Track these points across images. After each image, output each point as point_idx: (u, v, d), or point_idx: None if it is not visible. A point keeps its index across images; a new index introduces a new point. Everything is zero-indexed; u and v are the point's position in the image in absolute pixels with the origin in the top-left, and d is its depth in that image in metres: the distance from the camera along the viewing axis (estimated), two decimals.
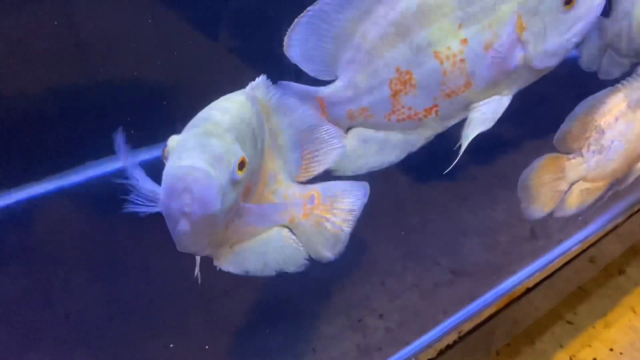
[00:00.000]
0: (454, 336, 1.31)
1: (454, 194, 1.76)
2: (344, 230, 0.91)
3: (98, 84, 1.39)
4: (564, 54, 0.88)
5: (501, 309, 1.41)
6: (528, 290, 1.49)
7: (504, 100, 0.88)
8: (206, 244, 0.79)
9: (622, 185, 1.23)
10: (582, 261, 1.66)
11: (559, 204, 1.20)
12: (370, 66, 0.87)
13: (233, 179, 0.72)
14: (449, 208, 1.74)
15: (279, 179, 0.89)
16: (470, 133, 0.87)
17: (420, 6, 0.82)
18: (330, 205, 0.90)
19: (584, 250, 1.62)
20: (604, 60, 1.30)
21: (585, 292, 1.84)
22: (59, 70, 1.34)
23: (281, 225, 0.89)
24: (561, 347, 1.71)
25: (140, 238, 1.29)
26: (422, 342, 1.28)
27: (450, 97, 0.87)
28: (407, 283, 1.48)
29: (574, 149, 1.16)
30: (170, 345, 1.18)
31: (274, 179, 0.88)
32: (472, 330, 1.35)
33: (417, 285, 1.49)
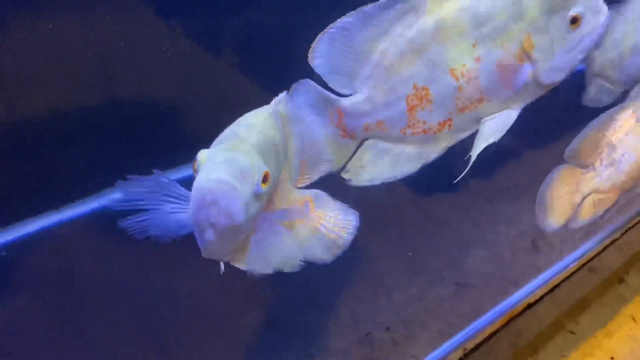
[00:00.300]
0: (459, 353, 1.34)
1: (456, 208, 1.78)
2: (342, 236, 0.94)
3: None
4: (570, 69, 0.92)
5: (505, 323, 1.44)
6: (530, 304, 1.51)
7: (513, 113, 0.92)
8: (229, 250, 0.84)
9: (631, 195, 1.28)
10: (583, 272, 1.69)
11: (573, 215, 1.25)
12: (388, 82, 0.91)
13: (257, 192, 0.77)
14: (451, 221, 1.76)
15: (286, 184, 0.93)
16: (480, 144, 0.91)
17: (437, 26, 0.87)
18: (324, 213, 0.92)
19: (585, 262, 1.65)
20: (592, 88, 1.35)
21: (587, 302, 1.86)
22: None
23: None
24: (563, 357, 1.74)
25: (150, 263, 1.31)
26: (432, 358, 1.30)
27: (463, 112, 0.92)
28: (412, 296, 1.50)
29: (587, 164, 1.22)
30: None
31: (283, 183, 0.93)
32: (477, 346, 1.38)
33: (422, 298, 1.51)
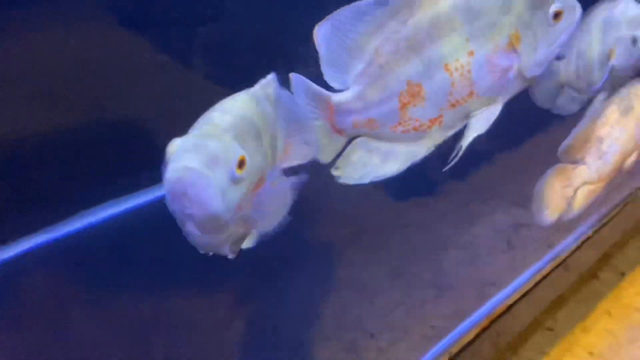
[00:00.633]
0: (445, 358, 1.34)
1: (432, 211, 1.79)
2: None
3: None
4: (548, 64, 0.94)
5: (487, 326, 1.45)
6: (510, 306, 1.53)
7: (497, 108, 0.93)
8: (223, 242, 0.80)
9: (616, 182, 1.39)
10: (559, 270, 1.72)
11: (567, 208, 1.33)
12: (382, 80, 0.90)
13: (233, 178, 0.73)
14: (428, 224, 1.77)
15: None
16: (468, 136, 0.91)
17: (431, 22, 0.87)
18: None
19: (561, 262, 1.68)
20: (561, 98, 1.40)
21: (563, 299, 1.89)
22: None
23: None
24: (543, 354, 1.76)
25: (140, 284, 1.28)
26: None
27: (455, 107, 0.91)
28: (394, 301, 1.50)
29: (578, 159, 1.29)
30: None
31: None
32: (462, 350, 1.39)
33: (404, 303, 1.52)
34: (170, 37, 1.47)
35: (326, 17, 0.88)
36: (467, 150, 0.96)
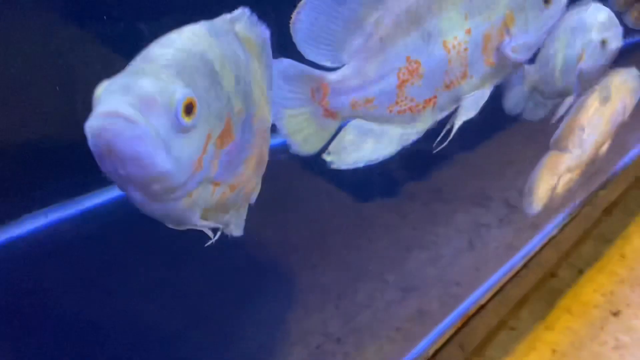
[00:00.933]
0: None
1: (394, 212, 1.77)
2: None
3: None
4: (535, 48, 0.96)
5: (455, 332, 1.44)
6: (473, 314, 1.53)
7: (486, 92, 0.94)
8: (187, 211, 0.64)
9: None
10: (521, 269, 1.72)
11: (550, 196, 1.39)
12: (382, 54, 0.87)
13: (179, 126, 0.56)
14: (390, 225, 1.75)
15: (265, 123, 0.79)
16: (461, 118, 0.93)
17: None
18: None
19: (527, 262, 1.69)
20: (530, 103, 1.43)
21: (525, 298, 1.90)
22: None
23: None
24: (507, 353, 1.76)
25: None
26: None
27: (449, 88, 0.91)
28: (359, 304, 1.46)
29: (565, 147, 1.36)
30: None
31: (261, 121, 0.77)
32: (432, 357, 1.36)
33: (369, 305, 1.48)
34: (115, 33, 1.40)
35: None
36: (426, 151, 0.96)
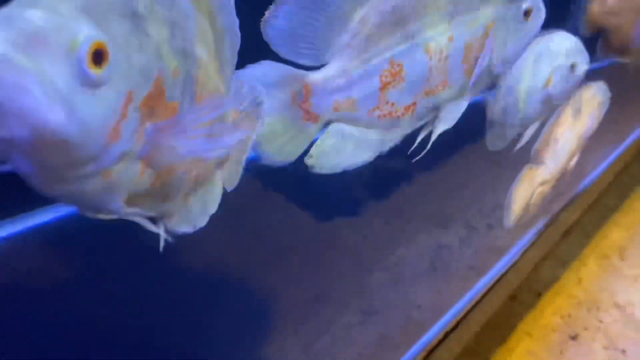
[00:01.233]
0: None
1: (355, 232, 1.72)
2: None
3: None
4: (512, 63, 0.96)
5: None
6: (443, 338, 1.49)
7: (464, 103, 0.94)
8: (109, 196, 0.52)
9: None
10: (487, 294, 1.70)
11: (525, 209, 1.41)
12: (366, 53, 0.84)
13: (85, 77, 0.43)
14: (351, 246, 1.69)
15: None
16: (439, 128, 0.93)
17: None
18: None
19: (493, 285, 1.67)
20: (489, 135, 1.45)
21: (487, 322, 1.87)
22: None
23: None
24: None
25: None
26: None
27: (428, 96, 0.90)
28: (319, 328, 1.39)
29: (541, 160, 1.39)
30: None
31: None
32: None
33: (329, 330, 1.41)
34: None
35: None
36: (387, 170, 0.93)
